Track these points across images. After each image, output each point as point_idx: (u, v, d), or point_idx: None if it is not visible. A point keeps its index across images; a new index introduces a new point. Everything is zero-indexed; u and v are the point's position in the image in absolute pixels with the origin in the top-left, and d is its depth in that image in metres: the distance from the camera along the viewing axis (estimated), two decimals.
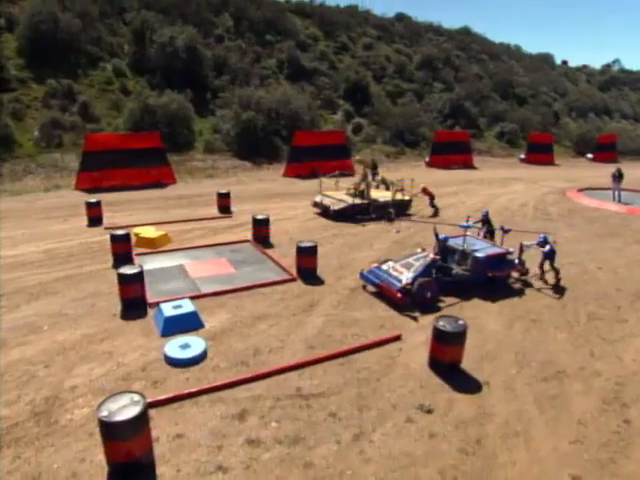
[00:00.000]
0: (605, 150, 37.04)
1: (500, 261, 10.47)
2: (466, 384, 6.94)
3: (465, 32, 51.08)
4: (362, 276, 10.10)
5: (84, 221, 14.62)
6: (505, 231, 11.42)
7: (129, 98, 27.60)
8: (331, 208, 15.73)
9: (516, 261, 10.82)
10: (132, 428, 4.86)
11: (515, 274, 11.01)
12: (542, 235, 11.07)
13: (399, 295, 9.07)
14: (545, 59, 57.74)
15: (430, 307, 9.17)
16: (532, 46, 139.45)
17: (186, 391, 6.48)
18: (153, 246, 12.52)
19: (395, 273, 9.63)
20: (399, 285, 9.23)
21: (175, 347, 7.45)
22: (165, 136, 26.32)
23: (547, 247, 10.77)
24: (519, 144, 38.31)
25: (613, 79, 59.63)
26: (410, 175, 20.00)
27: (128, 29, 31.81)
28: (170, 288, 9.92)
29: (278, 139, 29.18)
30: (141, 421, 4.94)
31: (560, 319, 9.19)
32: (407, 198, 17.13)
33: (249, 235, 13.51)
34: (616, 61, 67.03)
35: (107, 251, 11.53)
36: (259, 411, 6.20)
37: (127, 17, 33.52)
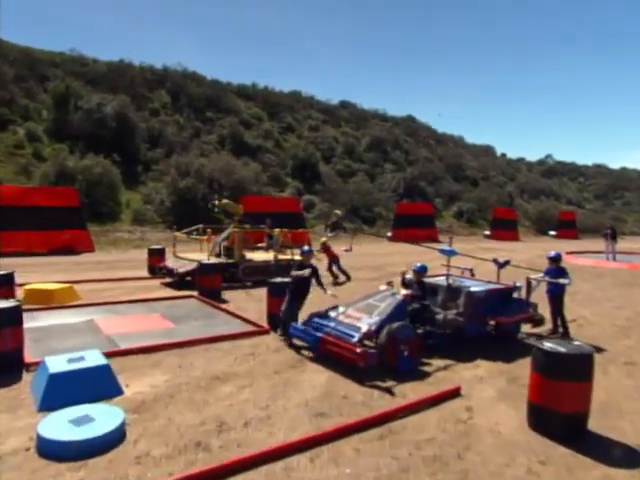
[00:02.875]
0: (566, 227, 37.93)
1: (505, 301, 7.64)
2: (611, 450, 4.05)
3: (410, 119, 53.90)
4: (293, 331, 6.89)
5: None
6: (501, 265, 8.46)
7: (44, 164, 24.60)
8: (175, 270, 11.69)
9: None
10: None
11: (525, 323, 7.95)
12: (553, 253, 8.04)
13: (358, 351, 5.70)
14: (487, 150, 61.77)
15: (409, 369, 5.99)
16: (473, 138, 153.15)
17: None
18: (50, 301, 9.04)
19: (348, 320, 6.68)
20: (357, 336, 6.16)
21: (62, 423, 4.07)
22: (86, 206, 23.35)
23: (566, 279, 7.77)
24: (479, 223, 38.40)
25: (551, 169, 64.41)
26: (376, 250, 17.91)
27: (49, 94, 29.70)
28: (69, 345, 6.49)
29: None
30: None
31: None
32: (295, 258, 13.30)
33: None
34: (549, 156, 73.48)
35: None
36: None
37: (49, 85, 31.61)
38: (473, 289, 7.45)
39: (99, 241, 20.16)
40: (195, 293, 10.25)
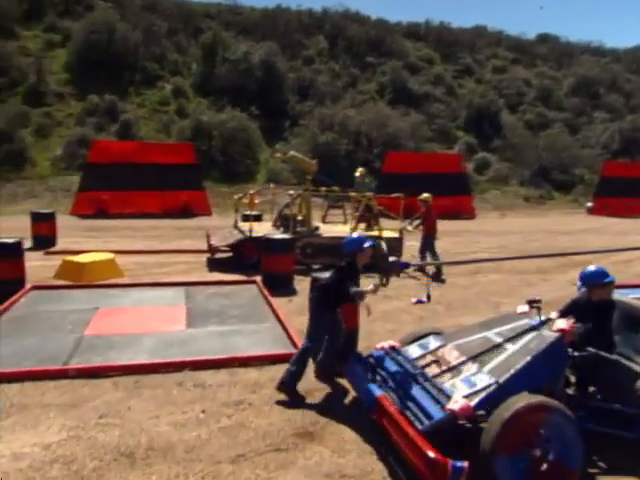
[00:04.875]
0: None
1: None
2: None
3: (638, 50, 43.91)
4: (349, 371, 4.36)
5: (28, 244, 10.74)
6: None
7: (183, 120, 25.18)
8: (211, 242, 9.91)
9: None
10: None
11: None
12: None
13: (431, 457, 3.01)
14: None
15: None
16: None
17: None
18: (79, 277, 7.93)
19: (436, 369, 3.91)
20: (435, 417, 3.39)
21: None
22: (219, 165, 23.31)
23: None
24: None
25: None
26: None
27: (197, 46, 30.47)
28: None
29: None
30: None
31: None
32: (395, 235, 10.36)
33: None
34: None
35: None
36: None
37: (201, 38, 32.55)
38: None
39: (224, 204, 19.64)
40: (259, 278, 8.28)
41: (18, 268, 7.19)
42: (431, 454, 3.04)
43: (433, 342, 4.29)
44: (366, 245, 4.63)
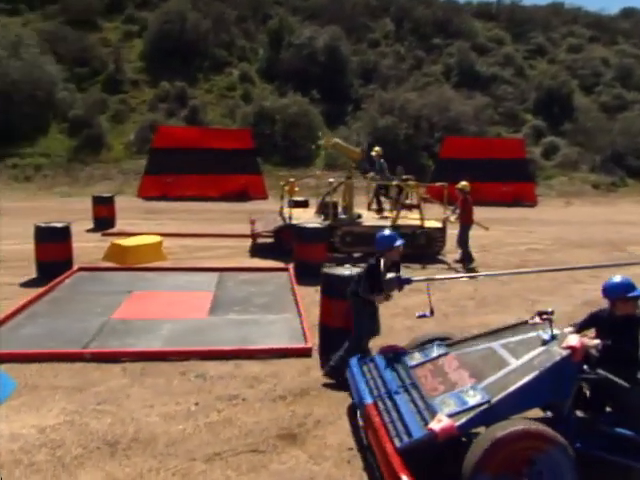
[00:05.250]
0: None
1: None
2: None
3: None
4: (349, 372, 4.03)
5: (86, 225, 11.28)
6: None
7: (247, 105, 25.41)
8: (254, 228, 10.17)
9: None
10: None
11: None
12: None
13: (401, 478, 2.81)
14: None
15: None
16: None
17: None
18: (123, 260, 8.20)
19: (431, 381, 3.60)
20: (416, 434, 3.13)
21: None
22: (281, 149, 23.38)
23: None
24: None
25: None
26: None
27: (264, 32, 30.52)
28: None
29: (426, 156, 23.79)
30: None
31: None
32: (437, 225, 9.86)
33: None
34: None
35: None
36: None
37: (269, 24, 32.57)
38: None
39: (279, 186, 19.73)
40: (291, 266, 8.20)
41: (66, 250, 7.52)
42: (403, 477, 2.83)
43: (436, 350, 3.96)
44: (397, 244, 4.40)
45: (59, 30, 24.92)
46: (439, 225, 9.92)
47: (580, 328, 3.84)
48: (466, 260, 9.43)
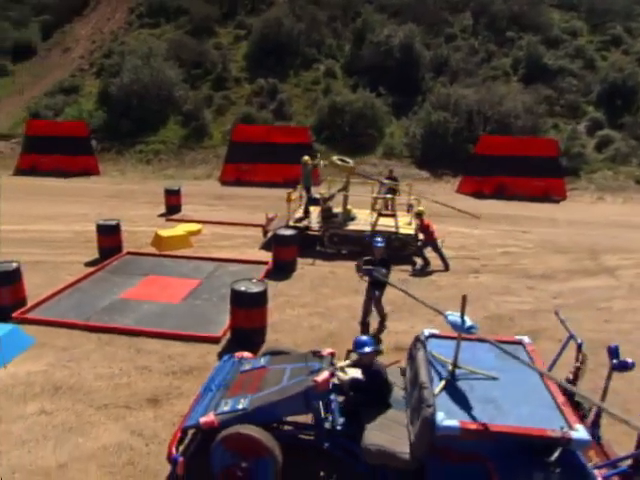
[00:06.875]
0: None
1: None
2: None
3: None
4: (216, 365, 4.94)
5: (161, 209, 13.25)
6: None
7: (323, 99, 26.02)
8: (266, 227, 10.92)
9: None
10: None
11: None
12: None
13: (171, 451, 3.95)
14: None
15: None
16: None
17: None
18: (160, 247, 9.95)
19: (237, 387, 4.31)
20: (188, 422, 4.15)
21: None
22: (347, 137, 23.93)
23: None
24: None
25: None
26: None
27: (349, 30, 30.35)
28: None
29: (473, 148, 22.83)
30: None
31: None
32: (409, 232, 10.04)
33: None
34: None
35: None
36: None
37: (356, 22, 32.16)
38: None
39: (340, 174, 20.47)
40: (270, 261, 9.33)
41: (117, 240, 9.37)
42: (172, 448, 3.94)
43: (262, 361, 4.57)
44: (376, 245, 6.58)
45: (182, 38, 27.15)
46: (411, 232, 10.34)
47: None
48: (424, 264, 9.79)
